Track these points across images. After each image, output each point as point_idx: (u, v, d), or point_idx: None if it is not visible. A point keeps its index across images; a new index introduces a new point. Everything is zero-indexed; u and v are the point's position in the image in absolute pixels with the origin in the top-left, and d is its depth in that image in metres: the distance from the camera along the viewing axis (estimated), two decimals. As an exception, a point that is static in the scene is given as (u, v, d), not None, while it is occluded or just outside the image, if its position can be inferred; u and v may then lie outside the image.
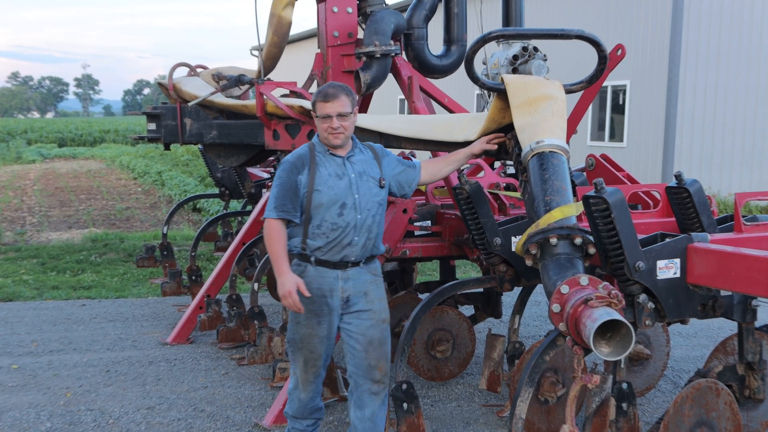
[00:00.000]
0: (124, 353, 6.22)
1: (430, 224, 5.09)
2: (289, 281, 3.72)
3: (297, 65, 25.42)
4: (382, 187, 3.92)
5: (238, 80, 6.31)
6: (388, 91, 12.55)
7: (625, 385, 3.68)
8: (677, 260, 3.31)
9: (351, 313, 3.89)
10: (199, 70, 7.37)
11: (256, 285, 5.97)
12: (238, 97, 6.79)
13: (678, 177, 4.06)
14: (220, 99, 6.44)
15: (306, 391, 4.01)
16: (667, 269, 3.30)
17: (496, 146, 3.98)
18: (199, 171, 20.81)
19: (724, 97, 15.40)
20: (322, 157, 3.87)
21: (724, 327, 6.96)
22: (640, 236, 3.33)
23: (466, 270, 9.75)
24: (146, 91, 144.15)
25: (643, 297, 3.28)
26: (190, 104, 6.55)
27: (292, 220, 3.83)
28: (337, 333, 3.96)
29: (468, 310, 6.33)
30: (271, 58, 6.14)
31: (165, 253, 8.38)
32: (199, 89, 6.68)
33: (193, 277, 7.62)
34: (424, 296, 5.00)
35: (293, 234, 3.89)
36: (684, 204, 4.03)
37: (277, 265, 3.78)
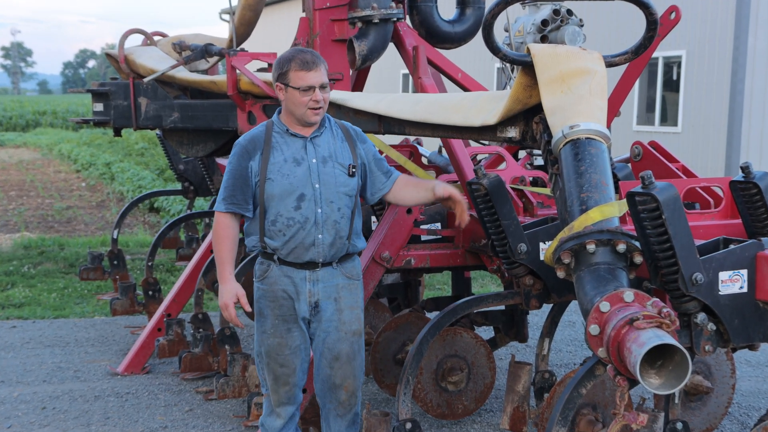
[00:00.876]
0: (64, 386, 6.22)
1: (440, 227, 5.10)
2: (228, 290, 3.90)
3: (277, 32, 25.44)
4: (351, 175, 4.00)
5: (205, 51, 6.31)
6: (389, 64, 12.55)
7: (680, 425, 3.69)
8: (744, 272, 3.31)
9: (318, 322, 4.02)
10: (156, 38, 7.36)
11: (226, 302, 5.98)
12: (205, 72, 6.79)
13: (745, 169, 4.07)
14: (183, 74, 6.44)
15: (281, 417, 4.12)
16: (732, 282, 3.31)
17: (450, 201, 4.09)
18: (157, 162, 20.83)
19: (801, 71, 15.35)
20: (279, 139, 3.98)
21: (802, 353, 6.98)
22: (698, 242, 3.34)
23: (485, 283, 9.75)
24: (91, 63, 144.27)
25: (701, 317, 3.29)
26: (145, 80, 6.55)
27: (244, 214, 3.95)
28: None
29: (487, 332, 6.34)
30: (245, 23, 6.15)
31: (115, 262, 8.37)
32: (157, 62, 6.68)
33: (150, 292, 7.62)
34: (432, 315, 5.00)
35: (252, 231, 4.02)
36: (753, 202, 4.04)
37: (220, 268, 3.94)
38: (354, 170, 4.01)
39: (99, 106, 7.09)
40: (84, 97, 52.68)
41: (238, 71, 5.31)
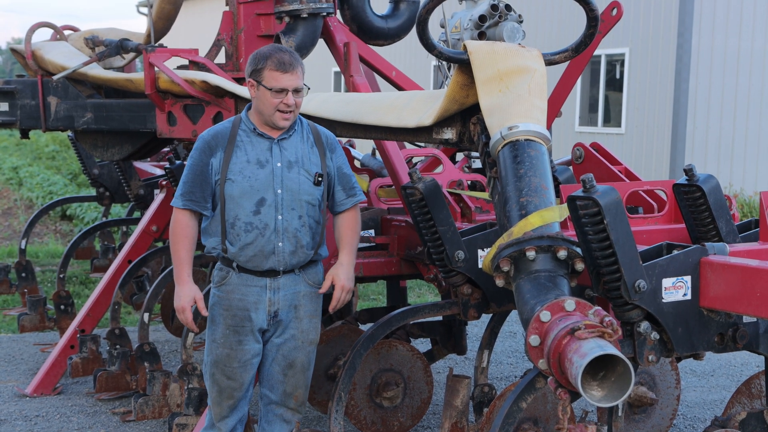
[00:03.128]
0: (-32, 409, 6.10)
1: (373, 234, 5.11)
2: (185, 294, 3.92)
3: (198, 27, 25.24)
4: (317, 184, 4.00)
5: (120, 47, 6.25)
6: (319, 61, 12.53)
7: (623, 439, 3.73)
8: (688, 278, 3.37)
9: (275, 329, 4.05)
10: (67, 32, 7.27)
11: (146, 316, 5.91)
12: (121, 69, 6.72)
13: (689, 172, 4.14)
14: (97, 71, 6.37)
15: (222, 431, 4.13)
16: (676, 290, 3.36)
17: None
18: (69, 166, 20.50)
19: (748, 70, 15.65)
20: (245, 137, 3.98)
21: (749, 363, 7.13)
22: (641, 248, 3.39)
23: (422, 293, 9.80)
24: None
25: (645, 325, 3.34)
26: (55, 78, 6.46)
27: (201, 212, 3.95)
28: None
29: (424, 344, 6.37)
30: (164, 17, 6.10)
31: (23, 275, 8.25)
32: (68, 58, 6.59)
33: (62, 307, 7.50)
34: (366, 327, 5.01)
35: (212, 231, 4.00)
36: (696, 206, 4.12)
37: (177, 269, 3.96)
38: (320, 179, 4.02)
39: (4, 106, 6.98)
40: (-11, 95, 51.61)
41: (156, 69, 5.27)
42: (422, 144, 5.89)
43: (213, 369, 4.07)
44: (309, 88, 4.04)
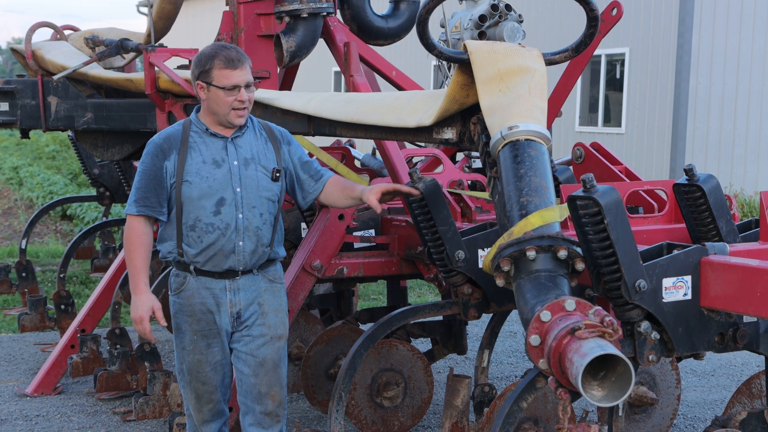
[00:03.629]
0: (-32, 409, 6.10)
1: (373, 234, 5.11)
2: (143, 303, 3.88)
3: (198, 27, 25.25)
4: (275, 180, 3.99)
5: (120, 46, 6.25)
6: (320, 61, 12.53)
7: (623, 438, 3.74)
8: (688, 278, 3.37)
9: (240, 329, 4.01)
10: (67, 32, 7.27)
11: (146, 316, 5.92)
12: (121, 69, 6.72)
13: (689, 172, 4.15)
14: (97, 71, 6.37)
15: None
16: (676, 289, 3.37)
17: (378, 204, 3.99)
18: (69, 166, 20.50)
19: (748, 70, 15.65)
20: (197, 138, 3.95)
21: (749, 362, 7.14)
22: (642, 247, 3.40)
23: (422, 293, 9.80)
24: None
25: (645, 325, 3.34)
26: (55, 78, 6.46)
27: (157, 217, 3.92)
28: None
29: (424, 344, 6.37)
30: (164, 17, 6.11)
31: (24, 274, 8.25)
32: (68, 58, 6.59)
33: (62, 306, 7.50)
34: (367, 327, 5.01)
35: (167, 236, 3.99)
36: (697, 206, 4.12)
37: (134, 279, 3.92)
38: (278, 174, 4.00)
39: (4, 106, 6.98)
40: (-11, 95, 51.62)
41: (156, 68, 5.26)
42: (422, 144, 5.90)
43: (188, 376, 4.04)
44: (260, 80, 4.02)
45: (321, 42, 5.75)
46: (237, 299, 3.96)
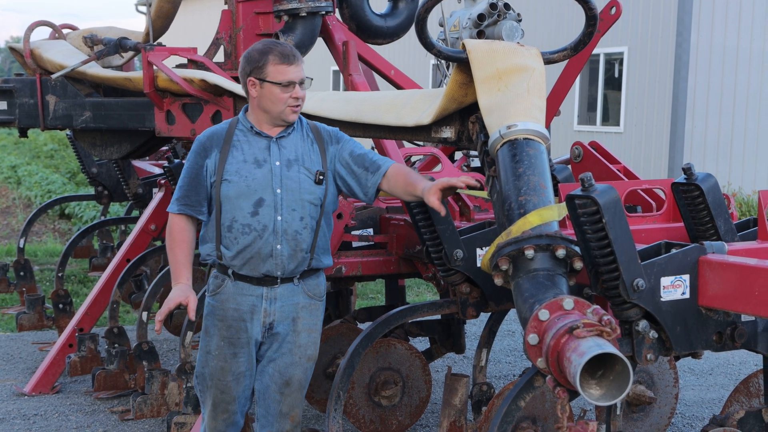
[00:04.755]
0: (-34, 408, 6.10)
1: (372, 233, 5.11)
2: (182, 291, 3.73)
3: (197, 26, 25.25)
4: (318, 183, 3.88)
5: (119, 45, 6.25)
6: (318, 60, 12.53)
7: (622, 437, 3.74)
8: (686, 277, 3.38)
9: (270, 343, 3.91)
10: (65, 31, 7.26)
11: (144, 315, 5.91)
12: (120, 68, 6.71)
13: (687, 171, 4.15)
14: (96, 70, 6.37)
15: None
16: (674, 288, 3.37)
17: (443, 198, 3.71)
18: (67, 165, 20.50)
19: (747, 68, 15.66)
20: (242, 137, 3.88)
21: (747, 361, 7.14)
22: (640, 246, 3.40)
23: (420, 292, 9.80)
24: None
25: (643, 324, 3.34)
26: (54, 76, 6.46)
27: (197, 216, 3.85)
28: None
29: (422, 343, 6.37)
30: (162, 16, 6.10)
31: (22, 273, 8.24)
32: (67, 57, 6.59)
33: (60, 305, 7.50)
34: (365, 326, 5.01)
35: (207, 238, 3.91)
36: (695, 205, 4.12)
37: (175, 270, 3.80)
38: (322, 177, 3.87)
39: (3, 105, 6.98)
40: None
41: (155, 67, 5.27)
42: (421, 143, 5.90)
43: (208, 381, 3.94)
44: (312, 79, 3.94)
45: (320, 41, 5.75)
46: (272, 309, 3.85)
